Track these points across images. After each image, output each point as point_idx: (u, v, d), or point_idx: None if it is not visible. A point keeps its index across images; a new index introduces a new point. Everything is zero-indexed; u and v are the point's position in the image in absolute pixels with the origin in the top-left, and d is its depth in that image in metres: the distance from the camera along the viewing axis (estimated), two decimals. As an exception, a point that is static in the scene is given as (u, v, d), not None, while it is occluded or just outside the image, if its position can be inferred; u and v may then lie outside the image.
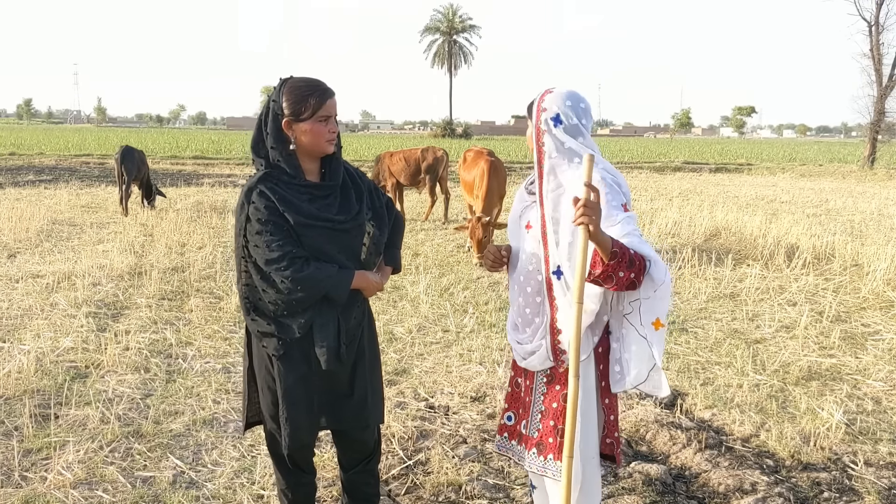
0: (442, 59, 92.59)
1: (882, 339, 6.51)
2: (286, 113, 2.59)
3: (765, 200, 18.43)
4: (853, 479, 3.97)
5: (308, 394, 2.74)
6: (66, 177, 22.09)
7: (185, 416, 4.64)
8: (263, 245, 2.55)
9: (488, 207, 9.24)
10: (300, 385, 2.71)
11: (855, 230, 12.83)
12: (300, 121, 2.59)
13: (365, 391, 2.86)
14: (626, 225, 2.53)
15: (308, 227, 2.60)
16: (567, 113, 2.64)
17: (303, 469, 3.04)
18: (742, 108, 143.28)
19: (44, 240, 10.73)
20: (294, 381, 2.70)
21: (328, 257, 2.66)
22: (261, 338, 2.70)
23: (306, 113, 2.58)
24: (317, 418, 2.80)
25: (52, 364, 5.45)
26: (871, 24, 31.10)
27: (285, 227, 2.56)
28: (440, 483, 3.85)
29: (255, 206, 2.56)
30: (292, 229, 2.58)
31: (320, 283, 2.57)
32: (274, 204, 2.56)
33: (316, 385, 2.76)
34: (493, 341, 6.28)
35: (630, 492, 3.79)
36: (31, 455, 4.06)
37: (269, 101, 2.63)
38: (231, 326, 6.59)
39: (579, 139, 2.64)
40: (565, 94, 2.66)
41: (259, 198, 2.56)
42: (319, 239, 2.63)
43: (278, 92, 2.61)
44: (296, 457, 2.97)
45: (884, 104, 31.53)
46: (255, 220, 2.55)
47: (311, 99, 2.58)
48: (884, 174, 28.95)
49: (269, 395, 2.79)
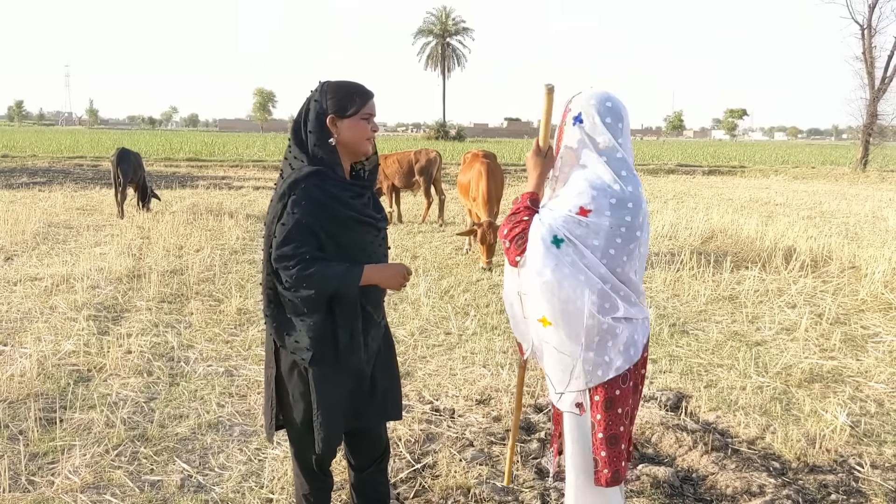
0: (435, 61, 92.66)
1: (882, 341, 6.54)
2: (331, 110, 2.63)
3: (759, 203, 18.49)
4: (860, 482, 3.98)
5: (342, 398, 2.75)
6: (60, 179, 22.03)
7: (190, 420, 4.62)
8: (281, 236, 2.55)
9: (491, 210, 9.26)
10: (335, 390, 2.72)
11: (850, 232, 12.89)
12: (345, 117, 2.64)
13: (386, 386, 2.91)
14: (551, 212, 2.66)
15: (358, 222, 2.66)
16: (590, 112, 2.63)
17: (325, 473, 3.03)
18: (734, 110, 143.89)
19: (40, 242, 10.69)
20: (330, 386, 2.70)
21: (368, 253, 2.71)
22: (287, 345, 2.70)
23: (351, 109, 2.63)
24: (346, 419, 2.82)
25: (54, 367, 5.43)
26: (863, 27, 31.25)
27: (312, 229, 2.56)
28: (448, 486, 3.85)
29: (294, 198, 2.55)
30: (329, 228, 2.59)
31: (327, 281, 2.56)
32: (324, 201, 2.57)
33: (347, 387, 2.77)
34: (496, 343, 6.28)
35: (639, 494, 3.80)
36: (38, 459, 4.04)
37: (310, 102, 2.65)
38: (232, 329, 6.58)
39: (602, 137, 2.61)
40: (591, 94, 2.67)
41: (304, 193, 2.56)
42: (366, 235, 2.70)
43: (321, 92, 2.65)
44: (323, 461, 2.96)
45: (876, 107, 31.68)
46: (291, 211, 2.55)
47: (356, 97, 2.64)
48: (876, 176, 29.09)
49: (301, 402, 2.75)
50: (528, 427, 4.63)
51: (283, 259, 2.54)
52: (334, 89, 2.64)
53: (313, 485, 3.01)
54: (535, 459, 4.17)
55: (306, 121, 2.64)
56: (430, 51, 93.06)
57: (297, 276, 2.53)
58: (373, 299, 2.78)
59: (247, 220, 13.37)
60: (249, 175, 25.83)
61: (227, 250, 10.48)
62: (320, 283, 2.55)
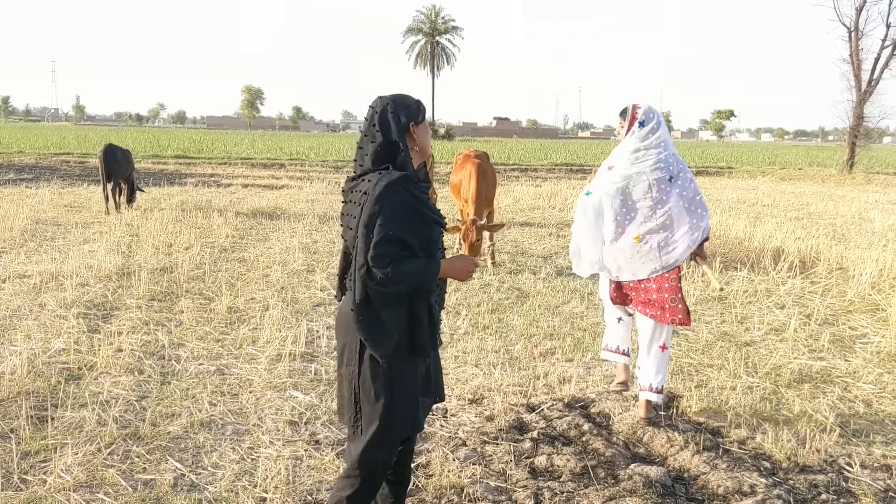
0: (424, 59, 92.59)
1: (870, 342, 6.59)
2: (409, 119, 2.88)
3: (747, 204, 18.59)
4: (850, 482, 4.02)
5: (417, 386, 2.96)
6: (48, 175, 21.89)
7: (182, 419, 4.61)
8: (378, 237, 2.70)
9: (479, 210, 9.26)
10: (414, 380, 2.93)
11: (837, 234, 12.99)
12: (419, 124, 2.91)
13: (434, 370, 3.11)
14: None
15: (436, 222, 2.89)
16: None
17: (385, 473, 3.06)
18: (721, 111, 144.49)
19: (28, 239, 10.62)
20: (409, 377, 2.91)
21: (441, 249, 2.96)
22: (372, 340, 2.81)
23: (420, 117, 2.93)
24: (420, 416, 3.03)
25: (44, 365, 5.40)
26: (850, 29, 31.44)
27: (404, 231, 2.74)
28: (442, 486, 3.86)
29: (390, 202, 2.72)
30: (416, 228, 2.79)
31: (414, 276, 2.77)
32: (413, 204, 2.78)
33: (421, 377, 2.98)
34: (488, 343, 6.29)
35: (631, 493, 3.82)
36: (30, 458, 4.03)
37: (389, 116, 2.84)
38: (223, 328, 6.56)
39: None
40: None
41: (400, 197, 2.75)
42: (439, 233, 2.94)
43: (393, 106, 2.86)
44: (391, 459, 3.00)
45: (863, 109, 31.89)
46: (388, 214, 2.72)
47: (420, 105, 2.95)
48: (862, 178, 29.32)
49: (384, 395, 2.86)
50: (521, 427, 4.65)
51: (379, 258, 2.70)
52: (402, 101, 2.89)
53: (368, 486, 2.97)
54: (528, 459, 4.18)
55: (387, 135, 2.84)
56: (419, 49, 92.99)
57: (392, 273, 2.70)
58: (439, 294, 3.00)
59: (236, 218, 13.34)
60: (238, 173, 25.75)
61: (217, 248, 10.45)
62: (410, 278, 2.75)
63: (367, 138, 2.87)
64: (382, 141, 2.84)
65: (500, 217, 15.05)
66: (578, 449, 4.33)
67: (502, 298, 7.95)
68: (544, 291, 8.30)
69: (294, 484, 3.83)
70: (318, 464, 4.06)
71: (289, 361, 5.67)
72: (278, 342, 6.05)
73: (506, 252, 10.90)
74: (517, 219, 14.87)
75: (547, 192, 18.84)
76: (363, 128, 2.91)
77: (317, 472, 3.97)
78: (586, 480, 3.96)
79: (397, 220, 2.72)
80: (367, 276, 2.74)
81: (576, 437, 4.50)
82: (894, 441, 4.57)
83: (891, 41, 30.85)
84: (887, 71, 31.29)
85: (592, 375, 5.61)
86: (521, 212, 16.05)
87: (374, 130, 2.84)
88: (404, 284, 2.75)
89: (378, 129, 2.84)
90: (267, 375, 5.38)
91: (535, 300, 7.89)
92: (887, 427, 4.78)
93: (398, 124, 2.85)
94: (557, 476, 4.03)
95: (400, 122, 2.85)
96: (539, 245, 11.70)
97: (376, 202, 2.72)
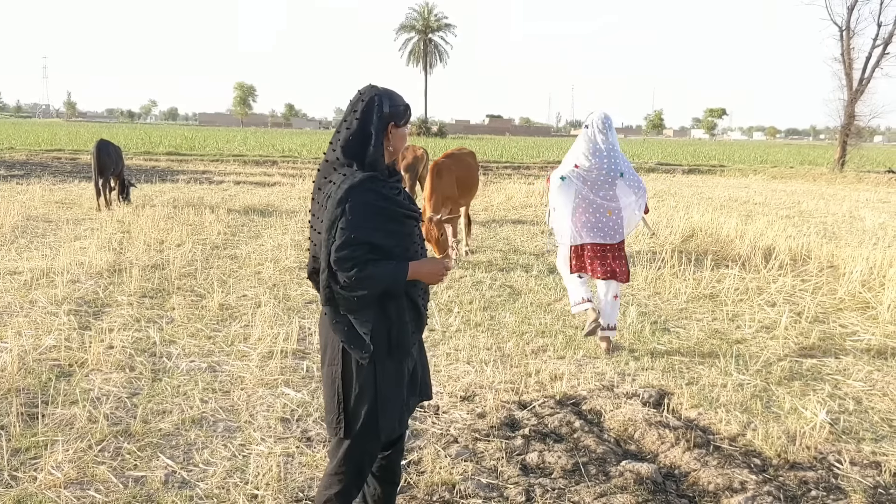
0: (417, 57, 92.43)
1: (860, 339, 6.62)
2: (391, 119, 2.82)
3: (738, 202, 18.64)
4: (839, 478, 4.04)
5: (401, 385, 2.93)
6: (38, 172, 21.79)
7: (173, 416, 4.60)
8: (340, 240, 2.66)
9: (435, 207, 9.28)
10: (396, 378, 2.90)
11: (828, 232, 13.04)
12: (398, 126, 2.85)
13: (420, 368, 3.09)
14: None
15: (408, 217, 2.85)
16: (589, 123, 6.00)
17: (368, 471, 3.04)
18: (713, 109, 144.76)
19: (19, 236, 10.58)
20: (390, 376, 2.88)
21: (417, 244, 2.92)
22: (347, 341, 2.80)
23: (403, 120, 2.86)
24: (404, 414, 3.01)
25: (35, 362, 5.38)
26: (842, 28, 31.52)
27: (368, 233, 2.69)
28: (434, 482, 3.86)
29: (351, 204, 2.67)
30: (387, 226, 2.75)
31: (380, 280, 2.72)
32: (378, 203, 2.73)
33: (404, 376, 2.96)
34: (480, 340, 6.30)
35: (622, 490, 3.83)
36: (20, 454, 4.01)
37: (374, 108, 2.78)
38: (214, 325, 6.55)
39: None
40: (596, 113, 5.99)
41: (360, 197, 2.69)
42: (414, 227, 2.92)
43: (383, 100, 2.80)
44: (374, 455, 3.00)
45: (854, 108, 31.97)
46: (349, 216, 2.67)
47: (408, 110, 2.90)
48: (853, 177, 29.41)
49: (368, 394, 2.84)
50: (512, 424, 4.65)
51: (341, 262, 2.66)
52: (391, 98, 2.82)
53: (355, 482, 2.97)
54: (520, 456, 4.19)
55: (369, 124, 2.77)
56: (412, 46, 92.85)
57: (355, 278, 2.67)
58: (421, 290, 2.97)
59: (228, 215, 13.31)
60: (230, 170, 25.68)
61: (209, 245, 10.42)
62: (374, 283, 2.71)
63: (345, 124, 2.80)
64: (357, 130, 2.77)
65: (492, 215, 15.07)
66: (570, 446, 4.34)
67: (494, 296, 7.96)
68: (536, 289, 8.31)
69: (286, 481, 3.82)
70: (309, 460, 4.06)
71: (280, 358, 5.66)
72: (270, 339, 6.04)
73: (498, 250, 10.90)
74: (509, 216, 14.88)
75: (539, 190, 18.84)
76: (345, 112, 2.85)
77: (308, 469, 3.97)
78: (577, 477, 3.97)
79: (361, 223, 2.66)
80: (332, 279, 2.71)
81: (567, 434, 4.51)
82: (884, 438, 4.60)
83: (882, 40, 30.94)
84: (878, 70, 31.38)
85: (584, 373, 5.63)
86: (514, 209, 16.06)
87: (354, 117, 2.78)
88: (369, 288, 2.70)
89: (357, 118, 2.77)
90: (258, 372, 5.37)
91: (527, 298, 7.90)
92: (877, 424, 4.81)
93: (380, 118, 2.78)
94: (549, 473, 4.04)
95: (382, 117, 2.79)
96: (531, 243, 11.71)
97: (338, 205, 2.67)
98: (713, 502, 3.78)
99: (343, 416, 2.87)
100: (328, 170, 2.83)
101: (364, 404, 2.84)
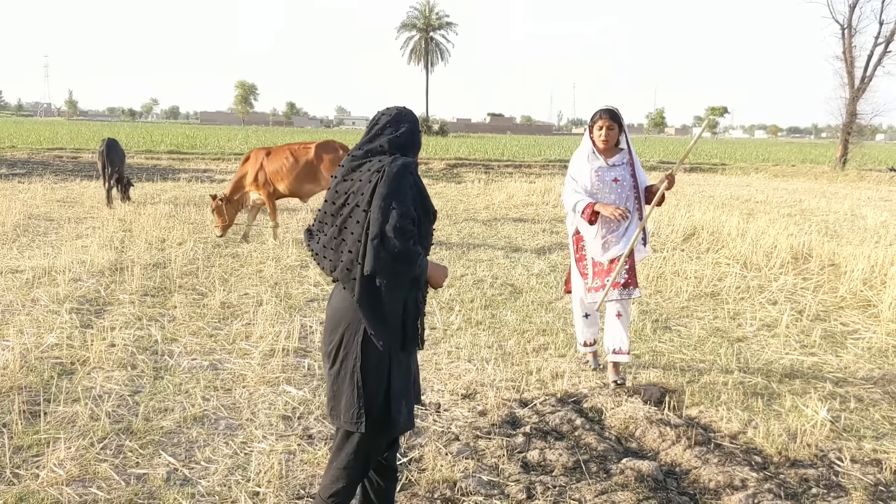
0: (418, 55, 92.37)
1: (861, 337, 6.63)
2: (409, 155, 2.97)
3: (740, 200, 18.63)
4: (840, 476, 4.04)
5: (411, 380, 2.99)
6: (40, 170, 21.82)
7: (175, 414, 4.61)
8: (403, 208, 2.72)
9: (230, 191, 10.90)
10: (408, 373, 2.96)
11: (830, 230, 13.03)
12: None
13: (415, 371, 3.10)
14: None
15: (435, 214, 2.98)
16: None
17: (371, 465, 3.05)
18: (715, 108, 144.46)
19: (20, 234, 10.60)
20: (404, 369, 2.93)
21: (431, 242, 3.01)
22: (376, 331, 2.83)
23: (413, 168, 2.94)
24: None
25: (37, 360, 5.39)
26: (843, 26, 31.51)
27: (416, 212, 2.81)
28: (435, 480, 3.87)
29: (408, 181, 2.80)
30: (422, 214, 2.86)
31: (420, 263, 2.77)
32: (422, 190, 2.89)
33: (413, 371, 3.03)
34: (481, 339, 6.30)
35: (623, 488, 3.83)
36: (22, 452, 4.02)
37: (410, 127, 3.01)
38: (216, 323, 6.56)
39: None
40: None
41: (414, 177, 2.85)
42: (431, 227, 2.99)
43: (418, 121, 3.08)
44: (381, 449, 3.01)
45: (855, 106, 31.95)
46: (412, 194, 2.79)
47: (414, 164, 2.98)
48: (855, 175, 29.38)
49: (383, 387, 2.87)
50: (514, 421, 4.66)
51: (402, 231, 2.68)
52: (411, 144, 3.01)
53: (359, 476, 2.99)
54: (521, 453, 4.19)
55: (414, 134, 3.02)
56: (413, 45, 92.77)
57: (409, 250, 2.69)
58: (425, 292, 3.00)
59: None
60: (231, 168, 25.68)
61: (210, 244, 10.44)
62: (416, 263, 2.73)
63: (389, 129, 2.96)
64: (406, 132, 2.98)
65: (493, 213, 15.07)
66: (571, 443, 4.35)
67: (495, 294, 7.97)
68: (537, 287, 8.31)
69: (287, 478, 3.83)
70: (311, 458, 4.06)
71: (282, 356, 5.67)
72: (271, 337, 6.05)
73: (499, 248, 10.91)
74: (510, 215, 14.88)
75: (540, 189, 18.83)
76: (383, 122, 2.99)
77: (310, 467, 3.97)
78: (578, 475, 3.97)
79: (411, 201, 2.77)
80: (382, 246, 2.68)
81: (568, 432, 4.52)
82: (885, 436, 4.60)
83: (884, 38, 30.94)
84: (880, 68, 31.41)
85: (585, 371, 5.63)
86: (515, 208, 16.06)
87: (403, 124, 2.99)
88: (412, 265, 2.72)
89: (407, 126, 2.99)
90: (260, 370, 5.38)
91: (528, 296, 7.90)
92: (878, 422, 4.81)
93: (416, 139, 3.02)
94: (549, 470, 4.05)
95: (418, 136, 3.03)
96: (532, 241, 11.71)
97: (395, 179, 2.76)
98: (714, 500, 3.78)
99: (363, 409, 2.88)
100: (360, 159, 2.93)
101: (380, 397, 2.86)
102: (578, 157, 5.41)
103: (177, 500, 3.58)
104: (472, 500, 3.71)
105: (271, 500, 3.62)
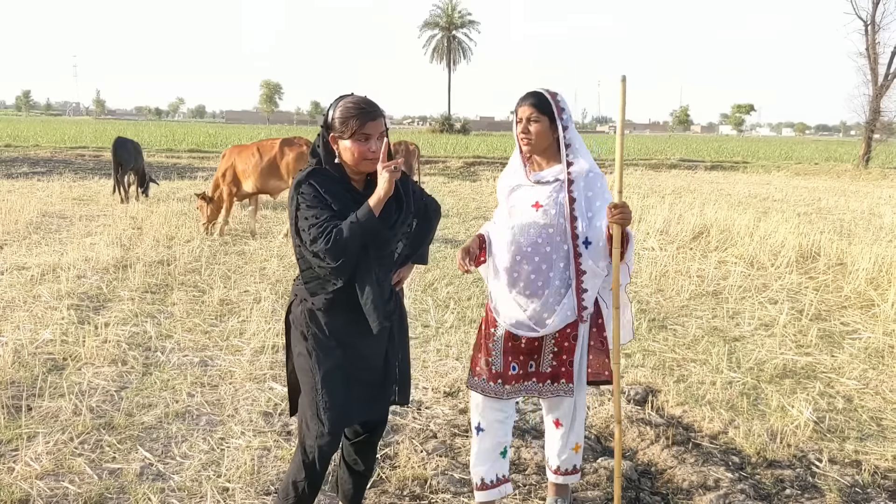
0: (441, 54, 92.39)
1: (859, 337, 6.54)
2: (333, 130, 2.76)
3: (757, 199, 18.45)
4: (816, 477, 3.99)
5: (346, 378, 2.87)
6: (61, 169, 22.11)
7: (157, 409, 4.66)
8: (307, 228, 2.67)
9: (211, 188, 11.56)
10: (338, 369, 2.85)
11: (844, 229, 12.87)
12: (343, 139, 2.74)
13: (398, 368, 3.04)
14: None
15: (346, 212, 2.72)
16: (570, 112, 3.27)
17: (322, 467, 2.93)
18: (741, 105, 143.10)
19: (32, 232, 10.74)
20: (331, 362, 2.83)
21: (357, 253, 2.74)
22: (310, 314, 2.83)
23: (347, 133, 2.72)
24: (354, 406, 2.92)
25: (29, 356, 5.46)
26: (867, 23, 31.08)
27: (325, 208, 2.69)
28: (405, 477, 3.87)
29: (303, 195, 2.72)
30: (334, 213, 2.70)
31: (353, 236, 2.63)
32: (320, 193, 2.71)
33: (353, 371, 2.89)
34: (472, 337, 6.28)
35: (594, 487, 3.82)
36: (1, 446, 4.08)
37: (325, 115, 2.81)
38: (212, 320, 6.61)
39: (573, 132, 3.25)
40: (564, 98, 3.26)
41: (307, 189, 2.72)
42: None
43: (332, 108, 2.77)
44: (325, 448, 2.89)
45: (879, 103, 31.51)
46: (304, 206, 2.70)
47: (353, 120, 2.71)
48: (878, 173, 28.98)
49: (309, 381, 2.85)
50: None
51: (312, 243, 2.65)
52: (339, 109, 2.75)
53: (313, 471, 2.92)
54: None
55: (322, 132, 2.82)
56: (435, 43, 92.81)
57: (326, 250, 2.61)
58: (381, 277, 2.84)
59: (241, 211, 13.42)
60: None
61: (218, 241, 10.53)
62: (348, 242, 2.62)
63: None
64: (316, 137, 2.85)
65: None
66: (548, 442, 4.33)
67: (494, 292, 7.93)
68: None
69: (258, 474, 3.86)
70: (286, 454, 4.08)
71: (271, 353, 5.70)
72: (264, 334, 6.09)
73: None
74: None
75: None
76: None
77: (283, 463, 3.99)
78: (551, 473, 3.96)
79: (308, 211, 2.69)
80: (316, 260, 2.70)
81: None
82: (870, 437, 4.54)
83: (909, 34, 30.42)
84: (905, 65, 30.92)
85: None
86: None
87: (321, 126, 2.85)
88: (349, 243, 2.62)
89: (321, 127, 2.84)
90: (248, 367, 5.41)
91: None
92: (864, 423, 4.75)
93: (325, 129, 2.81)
94: (523, 469, 4.04)
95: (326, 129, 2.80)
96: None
97: (291, 203, 2.76)
98: (686, 500, 3.75)
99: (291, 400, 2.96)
100: None
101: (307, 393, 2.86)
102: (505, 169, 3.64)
103: (146, 494, 3.61)
104: (441, 498, 3.72)
105: (239, 495, 3.64)
